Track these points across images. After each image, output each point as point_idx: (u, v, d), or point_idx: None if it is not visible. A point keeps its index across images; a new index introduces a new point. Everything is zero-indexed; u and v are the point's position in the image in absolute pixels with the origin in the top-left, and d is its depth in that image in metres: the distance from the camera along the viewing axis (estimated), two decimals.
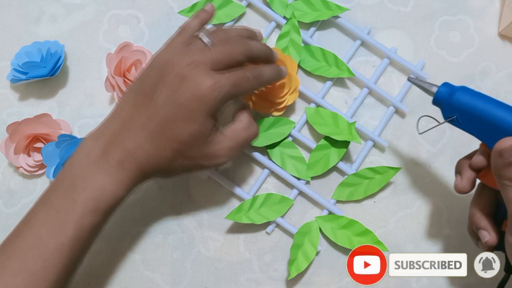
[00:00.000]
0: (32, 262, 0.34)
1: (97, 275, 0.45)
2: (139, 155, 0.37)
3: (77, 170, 0.36)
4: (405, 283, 0.46)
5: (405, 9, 0.50)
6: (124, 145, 0.36)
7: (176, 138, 0.37)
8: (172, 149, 0.37)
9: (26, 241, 0.35)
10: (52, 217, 0.35)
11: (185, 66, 0.36)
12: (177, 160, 0.38)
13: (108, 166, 0.36)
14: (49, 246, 0.35)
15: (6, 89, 0.49)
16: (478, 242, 0.39)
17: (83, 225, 0.35)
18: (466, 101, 0.36)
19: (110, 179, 0.36)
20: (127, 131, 0.37)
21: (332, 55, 0.47)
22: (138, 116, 0.37)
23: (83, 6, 0.50)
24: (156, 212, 0.46)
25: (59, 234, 0.35)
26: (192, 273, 0.46)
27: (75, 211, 0.35)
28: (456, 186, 0.38)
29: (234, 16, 0.49)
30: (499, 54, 0.49)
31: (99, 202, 0.36)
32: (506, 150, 0.34)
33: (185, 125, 0.36)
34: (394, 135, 0.48)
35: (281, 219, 0.46)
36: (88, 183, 0.36)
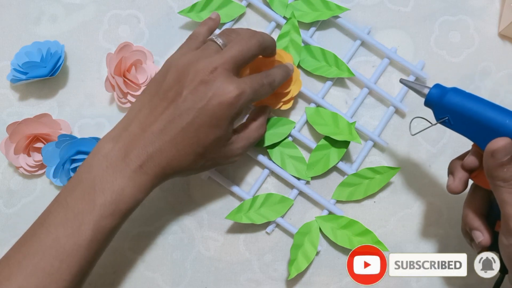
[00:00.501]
0: (48, 262, 0.34)
1: (97, 275, 0.45)
2: (161, 159, 0.37)
3: (96, 173, 0.36)
4: (405, 283, 0.46)
5: (405, 9, 0.50)
6: (145, 149, 0.37)
7: (201, 143, 0.37)
8: (195, 153, 0.38)
9: (43, 241, 0.35)
10: (70, 218, 0.35)
11: (209, 72, 0.37)
12: (199, 163, 0.39)
13: (128, 169, 0.36)
14: (66, 247, 0.35)
15: (6, 89, 0.49)
16: (472, 242, 0.39)
17: (101, 227, 0.35)
18: (457, 102, 0.36)
19: (131, 182, 0.36)
20: (149, 135, 0.37)
21: (332, 55, 0.47)
22: (159, 120, 0.37)
23: (83, 6, 0.50)
24: (156, 212, 0.47)
25: (77, 236, 0.35)
26: (192, 273, 0.46)
27: (93, 214, 0.35)
28: (448, 187, 0.39)
29: (234, 16, 0.49)
30: (499, 54, 0.49)
31: (118, 205, 0.36)
32: (498, 151, 0.34)
33: (210, 131, 0.37)
34: (394, 135, 0.48)
35: (281, 219, 0.46)
36: (108, 186, 0.36)
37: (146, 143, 0.37)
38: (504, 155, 0.34)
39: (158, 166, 0.37)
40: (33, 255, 0.35)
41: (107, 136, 0.38)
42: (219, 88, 0.37)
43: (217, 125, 0.37)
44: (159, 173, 0.37)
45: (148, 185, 0.37)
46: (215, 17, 0.44)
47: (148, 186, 0.37)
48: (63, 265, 0.35)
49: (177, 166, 0.38)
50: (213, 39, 0.40)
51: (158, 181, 0.38)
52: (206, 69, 0.37)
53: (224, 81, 0.37)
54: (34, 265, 0.34)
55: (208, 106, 0.37)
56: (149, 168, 0.37)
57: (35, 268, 0.34)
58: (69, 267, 0.35)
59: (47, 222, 0.36)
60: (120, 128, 0.38)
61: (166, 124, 0.37)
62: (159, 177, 0.38)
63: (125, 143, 0.37)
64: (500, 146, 0.34)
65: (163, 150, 0.37)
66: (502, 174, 0.34)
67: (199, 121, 0.37)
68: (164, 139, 0.37)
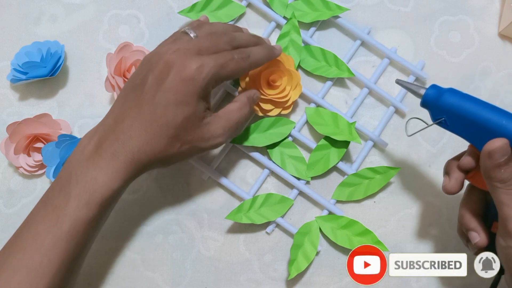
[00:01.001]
0: (29, 258, 0.35)
1: (97, 275, 0.45)
2: (132, 144, 0.37)
3: (72, 167, 0.37)
4: (405, 283, 0.46)
5: (405, 9, 0.50)
6: (117, 137, 0.37)
7: (171, 124, 0.37)
8: (168, 135, 0.37)
9: (24, 238, 0.36)
10: (49, 213, 0.36)
11: (171, 52, 0.37)
12: (174, 146, 0.38)
13: (101, 159, 0.36)
14: (46, 241, 0.35)
15: (6, 89, 0.49)
16: (468, 243, 0.39)
17: (78, 219, 0.35)
18: (453, 103, 0.36)
19: (103, 171, 0.36)
20: (120, 124, 0.37)
21: (332, 55, 0.47)
22: (130, 109, 0.38)
23: (83, 6, 0.50)
24: (156, 212, 0.47)
25: (55, 229, 0.35)
26: (192, 273, 0.46)
27: (69, 205, 0.35)
28: (444, 187, 0.38)
29: (234, 16, 0.49)
30: (499, 54, 0.49)
31: (92, 195, 0.36)
32: (495, 151, 0.34)
33: (177, 109, 0.37)
34: (394, 135, 0.48)
35: (281, 219, 0.46)
36: (81, 177, 0.36)
37: (118, 132, 0.37)
38: (501, 156, 0.34)
39: (130, 152, 0.37)
40: (16, 252, 0.35)
41: (86, 133, 0.39)
42: (180, 65, 0.37)
43: (184, 102, 0.37)
44: (133, 160, 0.37)
45: (123, 173, 0.37)
46: (203, 20, 0.44)
47: (123, 174, 0.37)
48: (44, 260, 0.35)
49: (150, 151, 0.37)
50: (185, 30, 0.40)
51: (135, 169, 0.37)
52: (169, 51, 0.37)
53: (184, 58, 0.37)
54: (17, 262, 0.35)
55: (171, 83, 0.36)
56: (121, 154, 0.37)
57: (18, 264, 0.35)
58: (50, 261, 0.35)
59: (30, 220, 0.37)
60: (98, 124, 0.39)
61: (136, 111, 0.37)
62: (133, 164, 0.37)
63: (100, 136, 0.37)
64: (497, 146, 0.34)
65: (133, 136, 0.37)
66: (500, 175, 0.34)
67: (164, 101, 0.37)
68: (134, 125, 0.37)
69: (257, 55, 0.41)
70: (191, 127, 0.38)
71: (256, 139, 0.46)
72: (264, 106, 0.46)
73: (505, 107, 0.48)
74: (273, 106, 0.46)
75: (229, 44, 0.40)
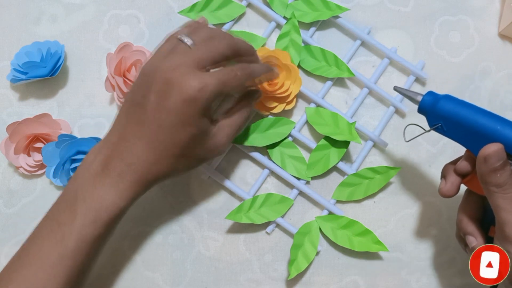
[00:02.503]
0: (34, 274, 0.35)
1: (97, 275, 0.45)
2: (138, 166, 0.37)
3: (78, 184, 0.37)
4: (405, 283, 0.46)
5: (405, 9, 0.50)
6: (123, 157, 0.37)
7: (177, 144, 0.37)
8: (174, 155, 0.37)
9: (30, 254, 0.36)
10: (55, 230, 0.36)
11: (169, 70, 0.36)
12: (181, 163, 0.38)
13: (108, 178, 0.36)
14: (51, 258, 0.35)
15: (6, 89, 0.49)
16: (466, 247, 0.39)
17: (83, 237, 0.35)
18: (449, 109, 0.37)
19: (111, 190, 0.36)
20: (124, 143, 0.37)
21: (332, 55, 0.47)
22: (133, 127, 0.37)
23: (83, 6, 0.50)
24: (156, 212, 0.46)
25: (60, 246, 0.35)
26: (192, 273, 0.46)
27: (75, 223, 0.35)
28: (440, 190, 0.39)
29: (234, 16, 0.49)
30: (499, 54, 0.49)
31: (99, 213, 0.36)
32: (491, 156, 0.34)
33: (182, 130, 0.36)
34: (394, 135, 0.48)
35: (281, 219, 0.46)
36: (88, 195, 0.36)
37: (123, 152, 0.37)
38: (496, 161, 0.34)
39: (137, 173, 0.37)
40: (21, 268, 0.35)
41: (92, 148, 0.38)
42: (181, 84, 0.35)
43: (188, 123, 0.36)
44: (140, 180, 0.37)
45: (130, 193, 0.37)
46: (202, 22, 0.42)
47: (129, 194, 0.37)
48: (50, 276, 0.35)
49: (157, 171, 0.37)
50: (181, 38, 0.38)
51: (141, 188, 0.37)
52: (169, 68, 0.36)
53: (186, 77, 0.35)
54: (22, 278, 0.35)
55: (174, 105, 0.35)
56: (128, 175, 0.36)
57: (23, 280, 0.35)
58: (55, 278, 0.35)
59: (35, 236, 0.37)
60: (103, 139, 0.39)
61: (140, 130, 0.37)
62: (140, 184, 0.37)
63: (105, 153, 0.37)
64: (493, 151, 0.34)
65: (140, 157, 0.37)
66: (496, 180, 0.34)
67: (168, 122, 0.36)
68: (140, 144, 0.37)
69: (258, 73, 0.41)
70: (197, 144, 0.38)
71: (256, 139, 0.46)
72: (267, 104, 0.46)
73: (505, 107, 0.48)
74: (276, 103, 0.46)
75: (229, 48, 0.38)
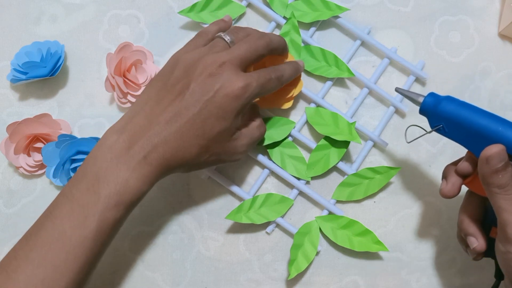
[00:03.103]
0: (55, 254, 0.35)
1: (97, 275, 0.45)
2: (166, 150, 0.37)
3: (101, 164, 0.36)
4: (405, 283, 0.46)
5: (405, 9, 0.50)
6: (150, 140, 0.37)
7: (206, 135, 0.38)
8: (199, 145, 0.38)
9: (49, 234, 0.35)
10: (76, 210, 0.36)
11: (217, 66, 0.38)
12: (203, 156, 0.39)
13: (132, 160, 0.36)
14: (72, 239, 0.35)
15: (6, 89, 0.49)
16: (467, 248, 0.39)
17: (106, 219, 0.36)
18: (451, 111, 0.37)
19: (135, 174, 0.36)
20: (155, 126, 0.37)
21: (332, 55, 0.47)
22: (165, 113, 0.38)
23: (83, 6, 0.50)
24: (156, 212, 0.47)
25: (83, 228, 0.35)
26: (192, 273, 0.46)
27: (98, 205, 0.35)
28: (441, 191, 0.39)
29: (234, 16, 0.49)
30: (499, 54, 0.49)
31: (122, 196, 0.36)
32: (492, 157, 0.34)
33: (216, 123, 0.38)
34: (394, 135, 0.48)
35: (281, 219, 0.46)
36: (112, 178, 0.36)
37: (151, 134, 0.37)
38: (498, 162, 0.34)
39: (162, 158, 0.37)
40: (40, 247, 0.35)
41: (112, 128, 0.38)
42: (226, 81, 0.37)
43: (223, 117, 0.38)
44: (163, 165, 0.37)
45: (152, 176, 0.37)
46: (228, 20, 0.45)
47: (152, 178, 0.37)
48: (69, 257, 0.35)
49: (181, 158, 0.38)
50: (221, 36, 0.41)
51: (162, 173, 0.38)
52: (215, 63, 0.38)
53: (231, 74, 0.38)
54: (41, 257, 0.35)
55: (215, 98, 0.37)
56: (154, 159, 0.37)
57: (42, 260, 0.35)
58: (75, 259, 0.35)
59: (54, 215, 0.36)
60: (126, 120, 0.38)
61: (173, 116, 0.37)
62: (163, 169, 0.38)
63: (130, 134, 0.37)
64: (494, 152, 0.34)
65: (168, 141, 0.37)
66: (497, 181, 0.34)
67: (205, 113, 0.37)
68: (170, 130, 0.37)
69: (288, 74, 0.42)
70: (222, 141, 0.39)
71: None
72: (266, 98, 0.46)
73: (505, 107, 0.48)
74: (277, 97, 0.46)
75: (267, 48, 0.41)
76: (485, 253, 0.38)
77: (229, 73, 0.38)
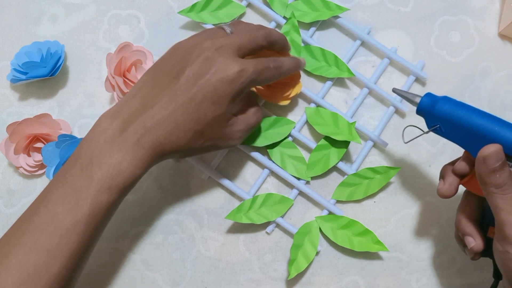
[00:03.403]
0: (47, 238, 0.34)
1: (97, 275, 0.45)
2: (159, 133, 0.37)
3: (94, 148, 0.36)
4: (405, 283, 0.46)
5: (405, 9, 0.50)
6: (144, 123, 0.37)
7: (201, 119, 0.37)
8: (194, 130, 0.38)
9: (42, 218, 0.35)
10: (68, 194, 0.35)
11: (213, 50, 0.37)
12: (198, 141, 0.39)
13: (126, 143, 0.36)
14: (65, 222, 0.35)
15: (6, 89, 0.49)
16: (465, 248, 0.40)
17: (98, 203, 0.35)
18: (447, 111, 0.37)
19: (128, 157, 0.36)
20: (149, 110, 0.37)
21: (332, 55, 0.47)
22: (160, 96, 0.37)
23: (83, 6, 0.50)
24: (156, 212, 0.46)
25: (75, 211, 0.35)
26: (192, 273, 0.46)
27: (91, 188, 0.35)
28: (438, 191, 0.39)
29: (234, 16, 0.49)
30: (499, 54, 0.49)
31: (115, 180, 0.36)
32: (490, 157, 0.34)
33: (210, 107, 0.37)
34: (394, 135, 0.48)
35: (281, 219, 0.46)
36: (105, 161, 0.36)
37: (145, 118, 0.37)
38: (495, 161, 0.34)
39: (155, 141, 0.37)
40: (32, 231, 0.35)
41: (106, 112, 0.38)
42: (221, 64, 0.37)
43: (218, 101, 0.37)
44: (157, 148, 0.37)
45: (146, 160, 0.37)
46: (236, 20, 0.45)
47: (145, 161, 0.37)
48: (62, 241, 0.34)
49: (175, 142, 0.37)
50: (222, 26, 0.41)
51: (156, 157, 0.38)
52: (211, 47, 0.38)
53: (227, 58, 0.37)
54: (33, 242, 0.34)
55: (210, 81, 0.37)
56: (147, 142, 0.37)
57: (34, 244, 0.34)
58: (68, 243, 0.35)
59: (46, 199, 0.36)
60: (120, 104, 0.38)
61: (167, 99, 0.37)
62: (157, 153, 0.37)
63: (124, 118, 0.37)
64: (491, 152, 0.34)
65: (161, 124, 0.37)
66: (495, 180, 0.34)
67: (200, 97, 0.37)
68: (164, 113, 0.37)
69: (287, 66, 0.42)
70: (217, 126, 0.39)
71: (256, 139, 0.46)
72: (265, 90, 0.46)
73: (505, 107, 0.48)
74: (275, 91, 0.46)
75: (266, 39, 0.41)
76: (482, 253, 0.38)
77: (226, 57, 0.37)
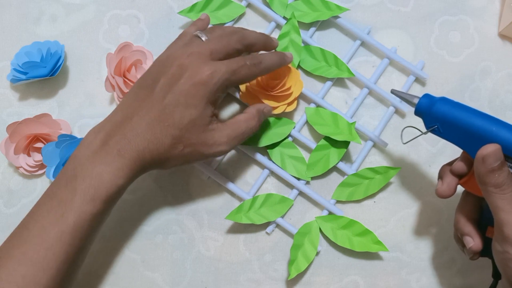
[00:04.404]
0: (34, 250, 0.35)
1: (97, 275, 0.45)
2: (138, 143, 0.37)
3: (78, 162, 0.37)
4: (405, 283, 0.46)
5: (405, 9, 0.50)
6: (124, 135, 0.37)
7: (176, 124, 0.38)
8: (172, 136, 0.38)
9: (30, 231, 0.36)
10: (54, 207, 0.36)
11: (185, 57, 0.39)
12: (177, 148, 0.39)
13: (107, 155, 0.37)
14: (51, 235, 0.35)
15: (6, 89, 0.49)
16: (464, 248, 0.40)
17: (83, 213, 0.36)
18: (445, 111, 0.37)
19: (109, 167, 0.37)
20: (129, 122, 0.38)
21: (332, 55, 0.47)
22: (139, 108, 0.38)
23: (83, 6, 0.50)
24: (156, 212, 0.47)
25: (61, 223, 0.36)
26: (192, 273, 0.46)
27: (75, 200, 0.36)
28: (436, 191, 0.39)
29: (234, 16, 0.49)
30: (499, 54, 0.49)
31: (98, 190, 0.36)
32: (488, 156, 0.34)
33: (185, 111, 0.38)
34: (394, 135, 0.48)
35: (281, 219, 0.46)
36: (88, 173, 0.36)
37: (126, 130, 0.38)
38: (494, 161, 0.34)
39: (135, 150, 0.37)
40: (21, 244, 0.36)
41: (92, 128, 0.39)
42: (194, 68, 0.38)
43: (192, 104, 0.38)
44: (138, 158, 0.37)
45: (127, 169, 0.37)
46: (204, 18, 0.44)
47: (127, 171, 0.37)
48: (48, 253, 0.35)
49: (154, 150, 0.38)
50: (197, 34, 0.41)
51: (138, 166, 0.38)
52: (183, 55, 0.39)
53: (199, 63, 0.38)
54: (21, 254, 0.35)
55: (183, 86, 0.38)
56: (127, 152, 0.37)
57: (22, 256, 0.35)
58: (55, 255, 0.35)
59: (35, 213, 0.37)
60: (105, 120, 0.40)
61: (145, 110, 0.38)
62: (138, 162, 0.38)
63: (107, 131, 0.38)
64: (490, 151, 0.34)
65: (139, 134, 0.38)
66: (494, 180, 0.34)
67: (173, 102, 0.38)
68: (142, 124, 0.38)
69: (269, 62, 0.42)
70: (196, 130, 0.39)
71: (256, 139, 0.46)
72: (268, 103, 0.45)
73: (505, 107, 0.48)
74: (277, 103, 0.46)
75: (240, 42, 0.41)
76: (481, 253, 0.38)
77: (197, 62, 0.38)
